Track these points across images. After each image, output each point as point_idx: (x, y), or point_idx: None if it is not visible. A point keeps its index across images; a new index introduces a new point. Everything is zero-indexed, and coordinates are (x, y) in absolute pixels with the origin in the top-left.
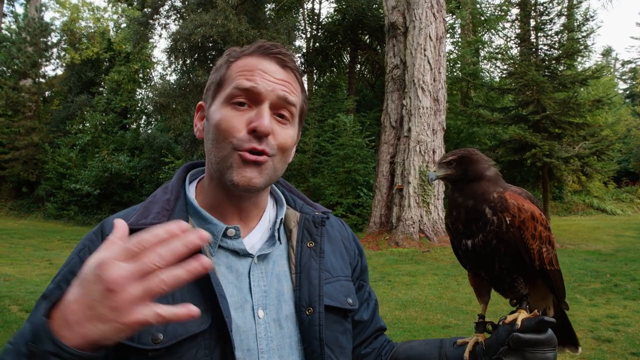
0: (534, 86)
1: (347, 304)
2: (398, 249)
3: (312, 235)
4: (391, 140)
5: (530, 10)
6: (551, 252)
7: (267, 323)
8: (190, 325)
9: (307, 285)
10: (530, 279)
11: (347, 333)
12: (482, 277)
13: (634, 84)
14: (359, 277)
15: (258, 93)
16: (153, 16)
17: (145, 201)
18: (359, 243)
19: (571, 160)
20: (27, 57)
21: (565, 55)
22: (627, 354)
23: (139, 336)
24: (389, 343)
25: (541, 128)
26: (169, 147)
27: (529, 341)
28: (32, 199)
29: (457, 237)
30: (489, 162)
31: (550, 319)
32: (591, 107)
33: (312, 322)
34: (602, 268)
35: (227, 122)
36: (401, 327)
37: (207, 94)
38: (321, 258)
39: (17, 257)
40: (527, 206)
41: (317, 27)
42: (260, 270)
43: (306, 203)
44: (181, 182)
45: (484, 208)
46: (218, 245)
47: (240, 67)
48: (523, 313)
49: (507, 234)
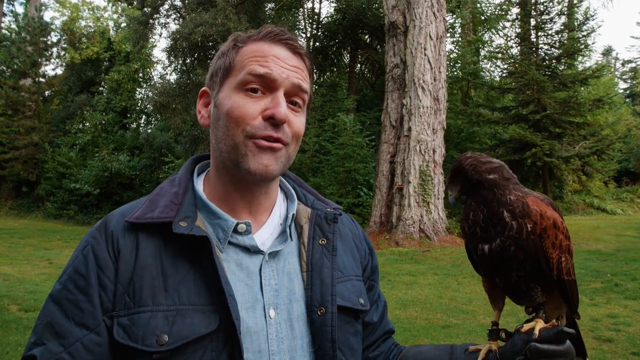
0: (534, 85)
1: (359, 305)
2: (398, 249)
3: (324, 232)
4: (391, 139)
5: (530, 9)
6: (569, 261)
7: (278, 323)
8: (197, 326)
9: (319, 284)
10: (547, 288)
11: (358, 335)
12: (497, 284)
13: (634, 83)
14: (369, 277)
15: (273, 80)
16: (153, 15)
17: (152, 194)
18: (370, 242)
19: (571, 160)
20: (27, 57)
21: (566, 55)
22: (627, 353)
23: (142, 337)
24: (396, 347)
25: (541, 127)
26: (169, 146)
27: (547, 352)
28: (32, 199)
29: (473, 241)
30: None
31: (569, 330)
32: (591, 107)
33: (324, 322)
34: (603, 268)
35: (241, 108)
36: (401, 327)
37: (214, 79)
38: (333, 256)
39: (17, 257)
40: (549, 213)
41: (317, 27)
42: (271, 268)
43: (317, 199)
44: (189, 174)
45: (501, 211)
46: (228, 241)
47: (252, 53)
48: (540, 322)
49: (527, 241)
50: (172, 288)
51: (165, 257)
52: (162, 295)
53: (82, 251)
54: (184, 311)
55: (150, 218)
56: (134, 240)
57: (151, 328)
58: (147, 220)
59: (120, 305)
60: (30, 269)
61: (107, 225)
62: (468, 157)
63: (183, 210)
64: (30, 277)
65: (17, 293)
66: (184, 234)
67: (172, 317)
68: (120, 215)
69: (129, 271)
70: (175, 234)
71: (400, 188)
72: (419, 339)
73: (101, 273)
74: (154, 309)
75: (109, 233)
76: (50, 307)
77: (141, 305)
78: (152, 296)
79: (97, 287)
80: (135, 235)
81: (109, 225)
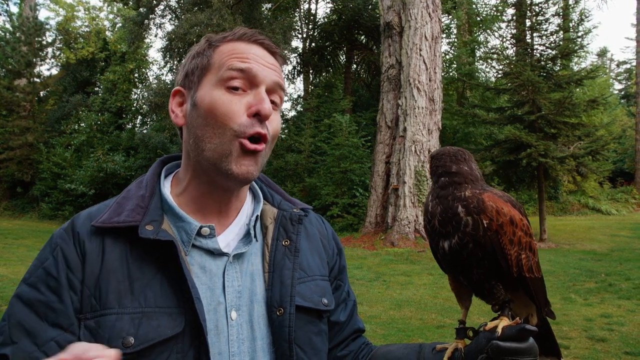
0: (530, 86)
1: (322, 305)
2: (393, 249)
3: (288, 232)
4: (387, 140)
5: (526, 10)
6: (532, 259)
7: (239, 325)
8: (163, 328)
9: (279, 285)
10: (509, 286)
11: (322, 334)
12: (462, 282)
13: (629, 84)
14: (336, 277)
15: (254, 75)
16: (148, 16)
17: (119, 196)
18: (339, 242)
19: (566, 160)
20: (22, 57)
21: (561, 56)
22: (620, 353)
23: (108, 339)
24: (367, 346)
25: (537, 128)
26: (165, 147)
27: (509, 350)
28: (26, 199)
29: (434, 238)
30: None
31: (531, 327)
32: (586, 108)
33: (282, 323)
34: (597, 268)
35: (225, 105)
36: (396, 327)
37: (190, 78)
38: (295, 257)
39: (11, 258)
40: (506, 210)
41: (313, 27)
42: (235, 270)
43: (284, 199)
44: (156, 177)
45: (456, 205)
46: (192, 244)
47: (230, 51)
48: (504, 320)
49: (484, 238)
50: (138, 291)
51: (132, 260)
52: (128, 298)
53: (52, 253)
54: (150, 313)
55: (117, 222)
56: (100, 244)
57: (117, 330)
58: (113, 224)
59: (87, 308)
60: (24, 270)
61: (73, 228)
62: (445, 150)
63: (149, 213)
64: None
65: (9, 294)
66: (149, 238)
67: (138, 320)
68: (87, 217)
69: (95, 274)
70: (141, 238)
71: (395, 188)
72: (413, 339)
73: (71, 274)
74: (120, 312)
75: (76, 235)
76: (19, 308)
77: (107, 308)
78: (118, 299)
79: (67, 288)
80: (102, 238)
81: (75, 228)
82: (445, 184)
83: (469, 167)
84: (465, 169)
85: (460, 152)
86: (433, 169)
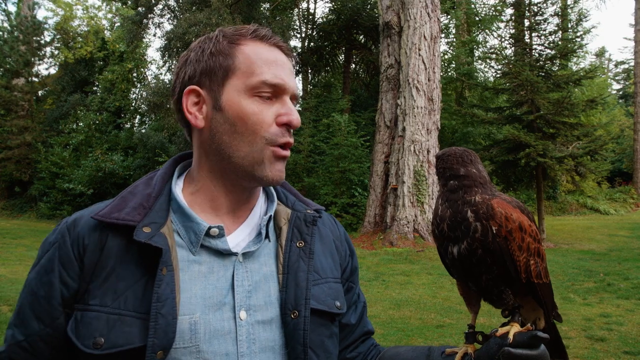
0: (528, 86)
1: (335, 308)
2: (392, 249)
3: (303, 234)
4: (386, 139)
5: (524, 10)
6: (540, 264)
7: (250, 325)
8: (133, 336)
9: (294, 287)
10: (518, 291)
11: (334, 337)
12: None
13: (628, 84)
14: (348, 279)
15: (284, 89)
16: (147, 15)
17: (125, 190)
18: (351, 243)
19: (565, 160)
20: (20, 56)
21: (560, 56)
22: (619, 352)
23: (83, 336)
24: (375, 347)
25: (535, 128)
26: (163, 146)
27: (520, 356)
28: (24, 199)
29: (442, 243)
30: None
31: (543, 334)
32: (585, 107)
33: (296, 326)
34: (596, 267)
35: (257, 115)
36: (395, 327)
37: (210, 78)
38: (310, 259)
39: (9, 257)
40: (515, 216)
41: (312, 27)
42: (245, 270)
43: (298, 200)
44: (167, 176)
45: (465, 210)
46: (200, 244)
47: (256, 56)
48: (515, 326)
49: (493, 244)
50: (121, 291)
51: (124, 259)
52: (110, 296)
53: (52, 247)
54: (126, 318)
55: (115, 218)
56: (100, 238)
57: (92, 329)
58: (112, 220)
59: (80, 300)
60: (22, 270)
61: (75, 224)
62: (451, 151)
63: (151, 215)
64: (22, 278)
65: (8, 294)
66: (141, 241)
67: (113, 322)
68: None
69: (91, 268)
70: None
71: (394, 188)
72: (413, 339)
73: (63, 271)
74: (100, 309)
75: (76, 233)
76: (24, 294)
77: (91, 304)
78: (102, 296)
79: (59, 284)
80: (102, 233)
81: (77, 225)
82: (454, 187)
83: (477, 170)
84: (474, 172)
85: (466, 152)
86: (440, 170)
